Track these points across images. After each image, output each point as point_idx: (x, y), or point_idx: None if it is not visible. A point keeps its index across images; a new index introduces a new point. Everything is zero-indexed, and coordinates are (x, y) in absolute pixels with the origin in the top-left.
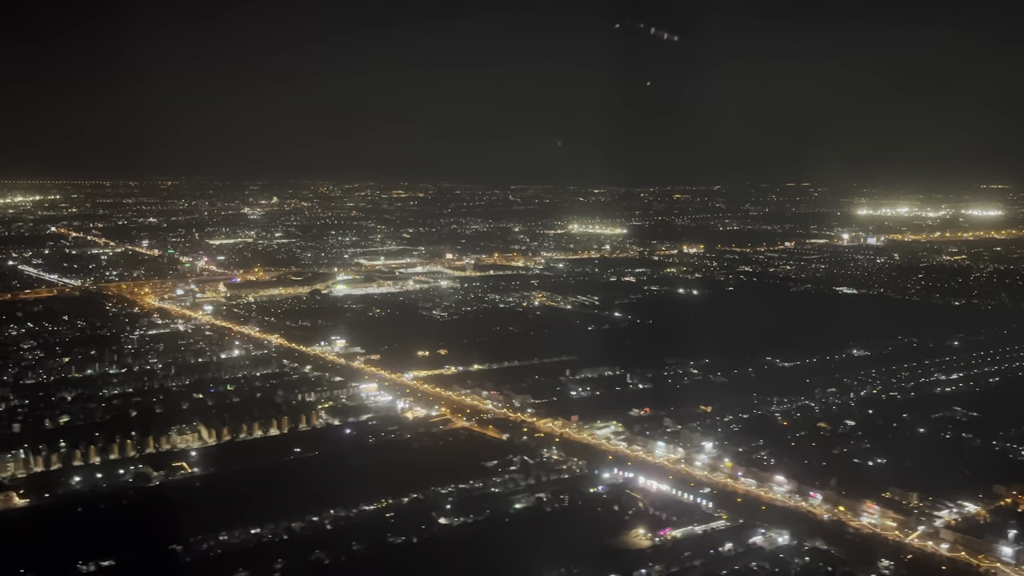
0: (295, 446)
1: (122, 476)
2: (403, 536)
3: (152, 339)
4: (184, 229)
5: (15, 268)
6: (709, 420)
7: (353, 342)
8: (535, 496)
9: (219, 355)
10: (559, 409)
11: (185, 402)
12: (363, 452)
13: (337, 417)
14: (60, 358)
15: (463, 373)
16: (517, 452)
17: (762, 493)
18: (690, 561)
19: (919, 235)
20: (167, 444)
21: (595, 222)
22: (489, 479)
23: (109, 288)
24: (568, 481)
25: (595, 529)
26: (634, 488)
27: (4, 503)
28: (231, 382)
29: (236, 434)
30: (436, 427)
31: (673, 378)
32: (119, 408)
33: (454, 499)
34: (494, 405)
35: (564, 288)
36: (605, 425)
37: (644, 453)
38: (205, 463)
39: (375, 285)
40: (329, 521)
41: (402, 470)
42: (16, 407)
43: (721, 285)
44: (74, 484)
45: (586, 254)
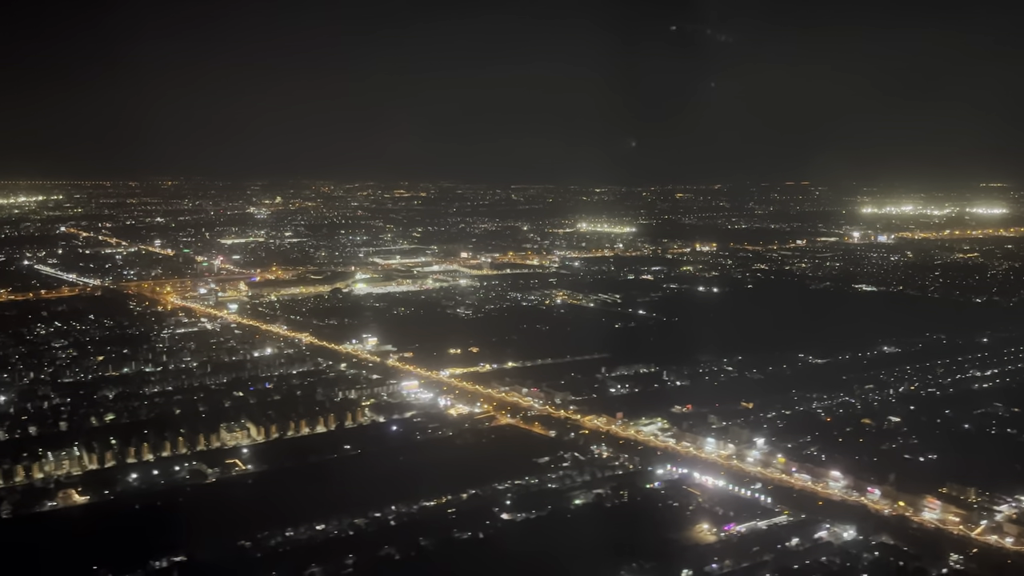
0: (344, 443)
1: (177, 473)
2: (468, 532)
3: (182, 338)
4: (193, 229)
5: (31, 268)
6: (752, 417)
7: (384, 340)
8: (593, 492)
9: (252, 353)
10: (601, 406)
11: (227, 400)
12: (413, 449)
13: (381, 414)
14: (94, 357)
15: (498, 370)
16: (567, 449)
17: (818, 489)
18: (760, 556)
19: (928, 233)
20: (217, 442)
21: (602, 221)
22: (544, 475)
23: (129, 287)
24: (622, 477)
25: (658, 524)
26: (690, 484)
27: (65, 500)
28: (269, 380)
29: (284, 431)
30: (481, 424)
31: (709, 375)
32: (162, 406)
33: (512, 495)
34: (535, 402)
35: (583, 286)
36: (650, 422)
37: (694, 449)
38: (257, 460)
39: (394, 284)
40: (393, 517)
41: (456, 467)
42: (59, 405)
43: (739, 283)
44: (131, 481)
45: (599, 252)
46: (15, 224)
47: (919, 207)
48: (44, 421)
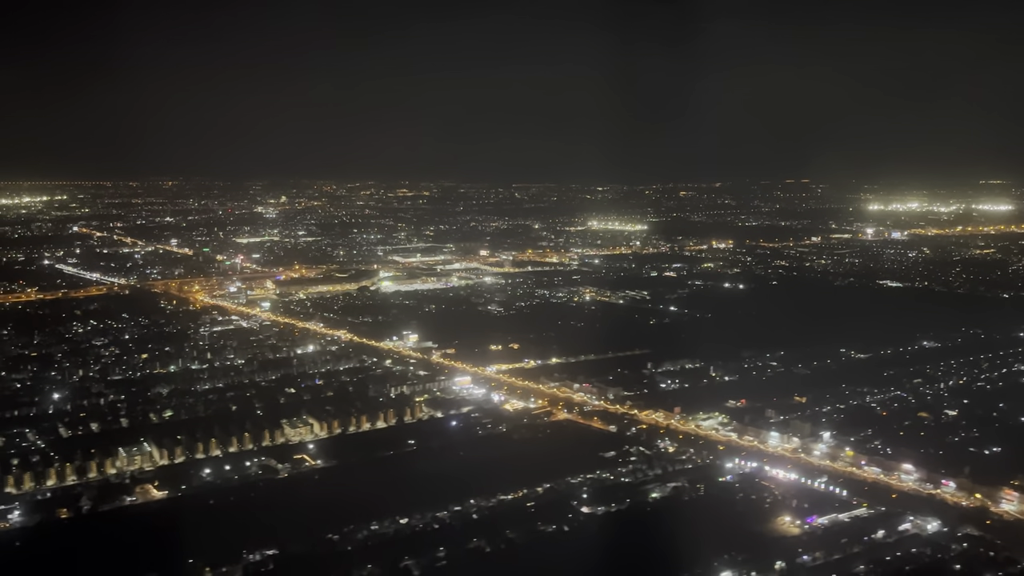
0: (407, 438)
1: (248, 468)
2: (553, 525)
3: (221, 336)
4: (204, 228)
5: (53, 267)
6: (808, 411)
7: (422, 337)
8: (668, 486)
9: (295, 350)
10: (655, 401)
11: (281, 396)
12: (475, 444)
13: (438, 410)
14: (139, 355)
15: (543, 366)
16: (631, 443)
17: (891, 481)
18: (850, 548)
19: (940, 229)
20: (281, 437)
21: (611, 219)
22: (614, 469)
23: (155, 286)
24: (692, 471)
25: (740, 517)
26: (762, 477)
27: (142, 495)
28: (318, 377)
29: (346, 427)
30: (539, 419)
31: (756, 370)
32: (217, 403)
33: (588, 489)
34: (588, 398)
35: (608, 283)
36: (708, 416)
37: (758, 443)
38: (325, 455)
39: (419, 281)
40: (474, 511)
41: (523, 461)
42: (115, 402)
43: (762, 279)
44: (204, 476)
45: (616, 250)
46: (26, 224)
47: (924, 204)
48: (104, 418)
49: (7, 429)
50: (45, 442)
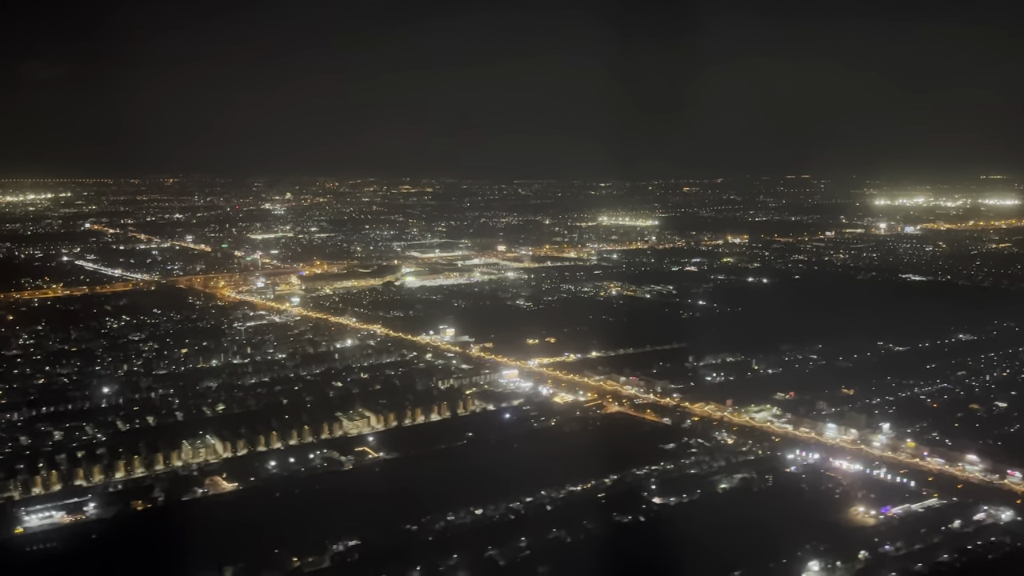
0: (463, 430)
1: (312, 461)
2: (628, 515)
3: (257, 330)
4: (215, 225)
5: (73, 264)
6: (860, 403)
7: (459, 331)
8: (736, 477)
9: (334, 345)
10: (705, 393)
11: (329, 390)
12: (531, 436)
13: (489, 402)
14: (178, 349)
15: (583, 360)
16: (689, 435)
17: (955, 472)
18: (930, 538)
19: (951, 224)
20: (340, 430)
21: (620, 214)
22: (678, 461)
23: (179, 282)
24: (756, 463)
25: (812, 507)
26: (827, 468)
27: (213, 487)
28: (362, 371)
29: (401, 420)
30: (591, 412)
31: (799, 363)
32: (266, 397)
33: (655, 480)
34: (637, 391)
35: (631, 278)
36: (761, 408)
37: (815, 435)
38: (385, 448)
39: (442, 277)
40: (547, 502)
41: (583, 453)
42: (166, 396)
43: (784, 274)
44: (270, 468)
45: (632, 245)
46: (37, 221)
47: (930, 199)
48: (158, 412)
49: (64, 423)
50: (105, 435)
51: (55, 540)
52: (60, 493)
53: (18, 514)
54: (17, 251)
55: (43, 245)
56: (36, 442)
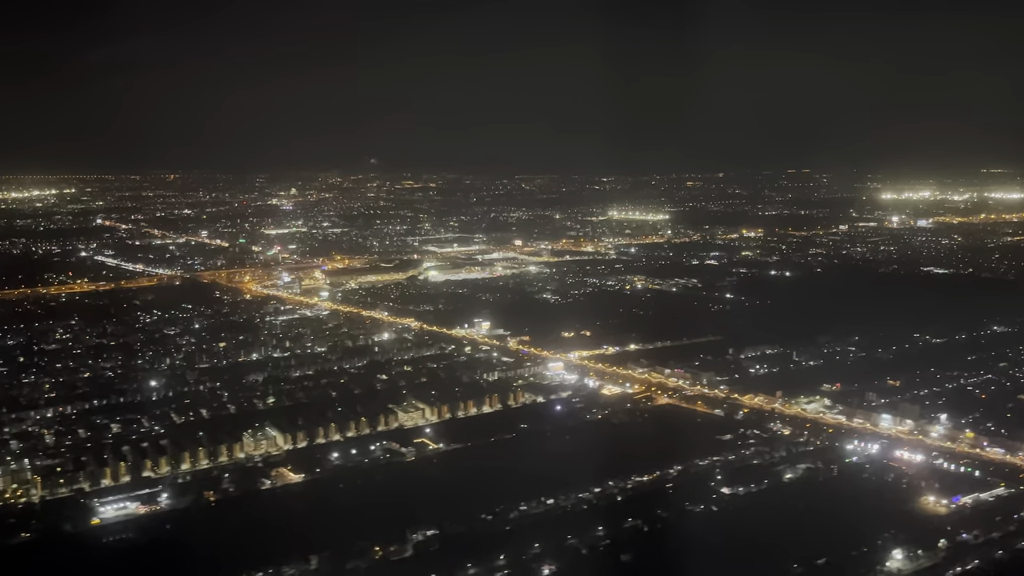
0: (517, 422)
1: (373, 452)
2: (700, 505)
3: (291, 324)
4: (226, 220)
5: (93, 259)
6: (909, 394)
7: (492, 324)
8: (799, 467)
9: (371, 338)
10: (752, 385)
11: (375, 383)
12: (585, 428)
13: (539, 395)
14: (216, 343)
15: (622, 353)
16: (743, 427)
17: (1017, 461)
18: (1005, 525)
19: (963, 217)
20: (395, 422)
21: (629, 209)
22: (738, 452)
23: (203, 277)
24: (816, 453)
25: (882, 497)
26: (890, 458)
27: (279, 478)
28: (404, 364)
29: (454, 412)
30: (641, 404)
31: (839, 355)
32: (314, 390)
33: (720, 470)
34: (683, 383)
35: (654, 272)
36: (811, 400)
37: (870, 425)
38: (443, 439)
39: (464, 271)
40: (616, 492)
41: (641, 444)
42: (215, 390)
43: (805, 267)
44: (333, 460)
45: (648, 239)
46: (47, 217)
47: (936, 193)
48: (210, 405)
49: (118, 416)
50: (162, 428)
51: (131, 531)
52: (130, 484)
53: (93, 505)
54: (33, 247)
55: (58, 241)
56: (95, 435)
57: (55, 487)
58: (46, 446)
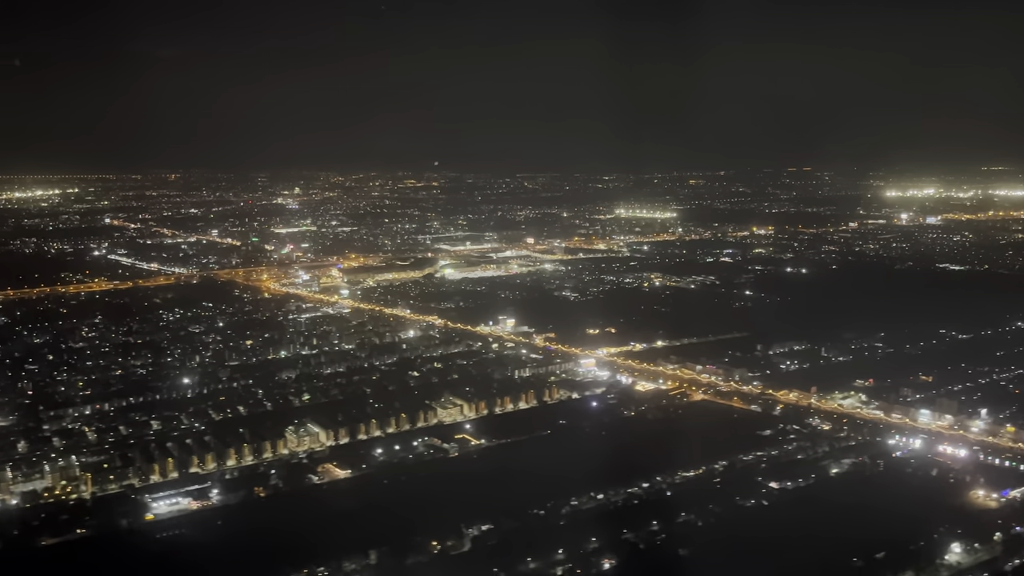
0: (555, 418)
1: (416, 448)
2: (750, 499)
3: (315, 322)
4: (234, 219)
5: (106, 258)
6: (943, 389)
7: (516, 321)
8: (844, 462)
9: (398, 335)
10: (785, 381)
11: (408, 379)
12: (624, 423)
13: (573, 391)
14: (243, 341)
15: (650, 350)
16: (781, 422)
17: None
18: None
19: (971, 215)
20: (434, 418)
21: (635, 207)
22: (781, 447)
23: (219, 275)
24: (859, 448)
25: (930, 491)
26: (934, 453)
27: (327, 474)
28: (434, 360)
29: (491, 408)
30: (677, 400)
31: (868, 351)
32: (347, 386)
33: (766, 465)
34: (716, 379)
35: (670, 269)
36: (846, 395)
37: (908, 420)
38: (484, 434)
39: (479, 269)
40: (665, 487)
41: (682, 440)
42: (248, 387)
43: (820, 264)
44: (378, 456)
45: (659, 236)
46: (54, 217)
47: (941, 191)
48: (245, 401)
49: (156, 413)
50: (202, 424)
51: (185, 526)
52: (178, 480)
53: (145, 501)
54: (45, 246)
55: (70, 240)
56: (136, 431)
57: (105, 483)
58: (89, 443)
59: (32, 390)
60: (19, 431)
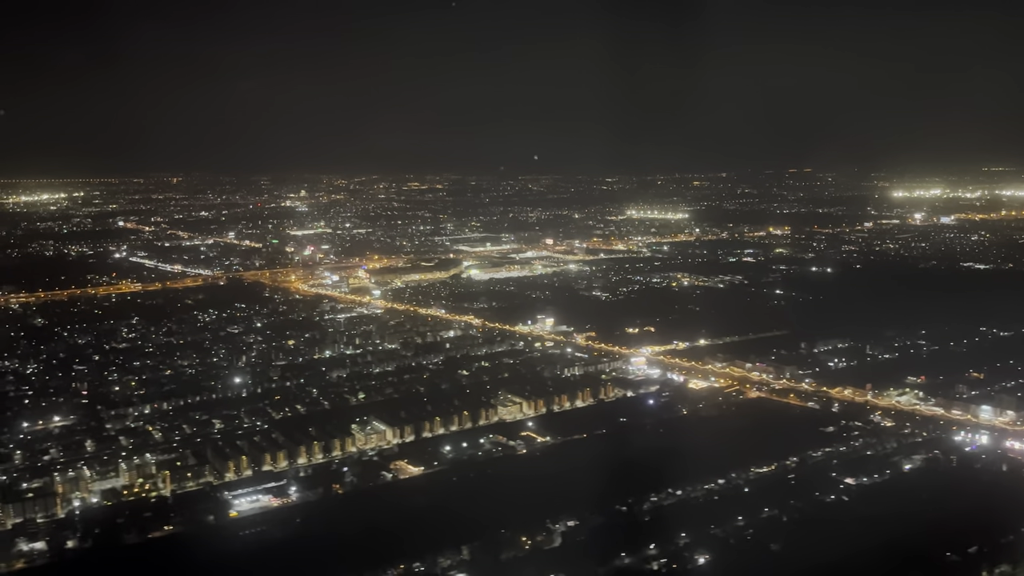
0: (614, 416)
1: (483, 445)
2: (829, 495)
3: (354, 322)
4: (247, 221)
5: (129, 261)
6: (997, 385)
7: (555, 321)
8: (915, 457)
9: (439, 335)
10: (834, 378)
11: (459, 378)
12: (684, 421)
13: (627, 389)
14: (284, 341)
15: (693, 348)
16: (841, 419)
17: None
18: None
19: (984, 215)
20: (495, 416)
21: (645, 208)
22: (848, 443)
23: (246, 277)
24: (925, 444)
25: (1006, 486)
26: (1004, 448)
27: (400, 472)
28: (481, 359)
29: (549, 406)
30: (732, 398)
31: (914, 348)
32: (398, 385)
33: (837, 462)
34: (767, 376)
35: (695, 268)
36: (902, 392)
37: (970, 416)
38: (549, 432)
39: (504, 269)
40: (741, 483)
41: (746, 437)
42: (301, 386)
43: (843, 263)
44: (446, 453)
45: (678, 237)
46: (66, 220)
47: (947, 191)
48: (302, 400)
49: (214, 412)
50: (265, 423)
51: (268, 523)
52: (253, 478)
53: (227, 498)
54: (64, 249)
55: (87, 243)
56: (199, 430)
57: (183, 481)
58: (156, 441)
59: (86, 390)
60: (83, 430)
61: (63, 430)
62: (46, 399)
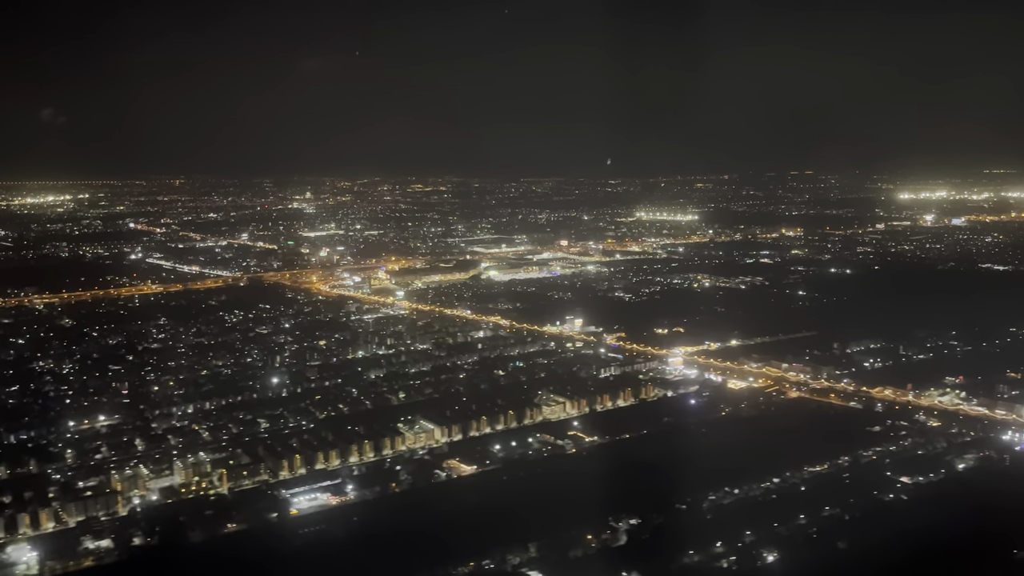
0: (657, 416)
1: (532, 444)
2: (888, 494)
3: (382, 323)
4: (257, 223)
5: (146, 262)
6: None
7: (583, 322)
8: (967, 457)
9: (470, 335)
10: (873, 378)
11: (498, 378)
12: (727, 421)
13: (667, 389)
14: (316, 342)
15: (726, 349)
16: (884, 419)
17: None
18: None
19: (995, 216)
20: (540, 415)
21: (655, 210)
22: (897, 443)
23: (266, 278)
24: (975, 443)
25: None
26: None
27: (453, 470)
28: (515, 359)
29: (592, 405)
30: (773, 398)
31: (947, 349)
32: (436, 384)
33: (889, 461)
34: (805, 376)
35: (713, 269)
36: (943, 392)
37: (1016, 416)
38: (596, 432)
39: (523, 271)
40: (798, 482)
41: (793, 436)
42: (340, 386)
43: (861, 265)
44: (496, 452)
45: (691, 238)
46: (75, 222)
47: (953, 193)
48: (344, 400)
49: (256, 412)
50: (310, 422)
51: (329, 521)
52: (308, 476)
53: (285, 496)
54: (79, 251)
55: (101, 245)
56: (246, 429)
57: (239, 479)
58: (205, 440)
59: (126, 390)
60: (130, 429)
61: (110, 429)
62: (87, 399)
